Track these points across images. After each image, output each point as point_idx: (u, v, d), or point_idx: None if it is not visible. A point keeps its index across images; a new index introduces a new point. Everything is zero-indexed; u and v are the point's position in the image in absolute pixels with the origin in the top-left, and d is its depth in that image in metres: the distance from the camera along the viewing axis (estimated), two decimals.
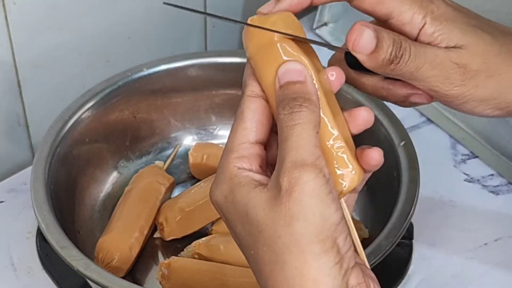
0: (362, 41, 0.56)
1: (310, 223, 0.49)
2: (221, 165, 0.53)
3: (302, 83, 0.53)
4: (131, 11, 0.98)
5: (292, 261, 0.50)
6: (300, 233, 0.49)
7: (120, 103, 0.89)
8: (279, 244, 0.50)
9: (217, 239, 0.83)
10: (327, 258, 0.49)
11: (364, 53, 0.56)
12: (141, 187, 0.87)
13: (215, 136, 0.95)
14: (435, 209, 0.90)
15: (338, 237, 0.50)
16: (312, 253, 0.49)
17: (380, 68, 0.57)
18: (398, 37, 0.57)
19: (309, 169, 0.50)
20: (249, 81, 0.55)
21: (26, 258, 0.85)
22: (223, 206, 0.53)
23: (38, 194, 0.77)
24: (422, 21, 0.58)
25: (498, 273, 0.84)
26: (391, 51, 0.57)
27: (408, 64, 0.57)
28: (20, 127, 0.96)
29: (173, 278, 0.79)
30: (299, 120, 0.51)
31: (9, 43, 0.90)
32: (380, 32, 0.57)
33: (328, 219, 0.50)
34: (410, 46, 0.57)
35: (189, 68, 0.92)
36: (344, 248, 0.50)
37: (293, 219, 0.49)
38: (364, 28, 0.56)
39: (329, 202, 0.50)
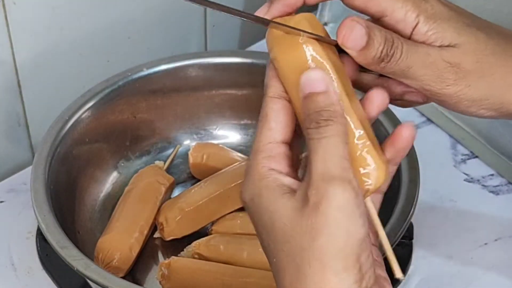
0: (352, 36, 0.56)
1: (334, 239, 0.49)
2: (249, 165, 0.53)
3: (325, 93, 0.52)
4: (131, 11, 0.98)
5: (313, 275, 0.49)
6: (324, 247, 0.49)
7: (120, 103, 0.89)
8: (302, 256, 0.50)
9: (217, 239, 0.83)
10: (347, 275, 0.49)
11: (354, 49, 0.56)
12: (141, 187, 0.87)
13: (215, 136, 0.95)
14: (435, 209, 0.90)
15: (361, 254, 0.50)
16: (333, 269, 0.49)
17: (371, 65, 0.57)
18: (390, 35, 0.57)
19: (337, 183, 0.49)
20: (271, 82, 0.55)
21: (26, 258, 0.85)
22: (250, 208, 0.53)
23: (38, 194, 0.77)
24: (416, 19, 0.58)
25: (498, 273, 0.84)
26: (382, 49, 0.56)
27: (399, 63, 0.57)
28: (20, 127, 0.96)
29: (173, 278, 0.79)
30: (325, 134, 0.51)
31: (9, 43, 0.90)
32: (372, 29, 0.56)
33: (353, 235, 0.49)
34: (403, 45, 0.57)
35: (189, 68, 0.91)
36: (365, 265, 0.50)
37: (318, 233, 0.49)
38: (355, 23, 0.56)
39: (356, 217, 0.49)
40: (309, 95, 0.52)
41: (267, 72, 0.56)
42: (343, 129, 0.52)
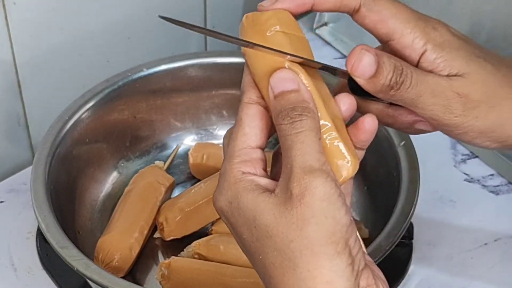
0: (361, 65, 0.56)
1: (323, 226, 0.50)
2: (223, 171, 0.53)
3: (297, 91, 0.53)
4: (131, 11, 0.98)
5: (305, 264, 0.50)
6: (313, 236, 0.49)
7: (120, 103, 0.89)
8: (291, 247, 0.50)
9: (217, 239, 0.83)
10: (340, 260, 0.50)
11: (363, 77, 0.56)
12: (141, 187, 0.87)
13: (215, 136, 0.95)
14: (435, 209, 0.90)
15: (349, 238, 0.50)
16: (325, 255, 0.49)
17: (380, 93, 0.57)
18: (400, 63, 0.57)
19: (318, 174, 0.50)
20: (246, 87, 0.55)
21: (26, 258, 0.85)
22: (227, 212, 0.53)
23: (38, 194, 0.77)
24: (423, 47, 0.58)
25: (498, 273, 0.84)
26: (391, 77, 0.56)
27: (408, 91, 0.57)
28: (20, 127, 0.96)
29: (173, 278, 0.79)
30: (301, 128, 0.51)
31: (9, 43, 0.90)
32: (381, 57, 0.56)
33: (340, 221, 0.50)
34: (412, 73, 0.57)
35: (189, 68, 0.92)
36: (354, 249, 0.51)
37: (306, 222, 0.50)
38: (364, 52, 0.56)
39: (339, 205, 0.50)
40: (281, 93, 0.53)
41: (243, 77, 0.56)
42: (317, 125, 0.52)
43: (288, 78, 0.53)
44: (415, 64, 0.59)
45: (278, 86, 0.53)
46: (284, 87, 0.53)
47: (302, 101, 0.52)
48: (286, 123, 0.52)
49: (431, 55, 0.58)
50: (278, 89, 0.53)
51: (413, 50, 0.58)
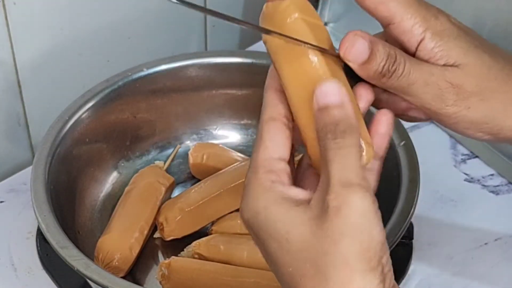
0: (354, 50, 0.56)
1: (358, 241, 0.50)
2: (248, 182, 0.53)
3: (341, 107, 0.53)
4: (131, 11, 0.98)
5: (338, 278, 0.49)
6: (348, 250, 0.49)
7: (120, 103, 0.89)
8: (325, 261, 0.50)
9: (217, 239, 0.83)
10: (373, 276, 0.50)
11: (355, 62, 0.56)
12: (141, 187, 0.87)
13: (215, 136, 0.95)
14: (435, 209, 0.90)
15: (383, 256, 0.50)
16: (359, 270, 0.49)
17: (372, 79, 0.57)
18: (394, 51, 0.57)
19: (356, 189, 0.50)
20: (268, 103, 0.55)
21: (26, 258, 0.85)
22: (254, 224, 0.53)
23: (38, 194, 0.77)
24: (422, 34, 0.58)
25: (498, 273, 0.84)
26: (384, 64, 0.56)
27: (400, 79, 0.57)
28: (20, 127, 0.96)
29: (173, 278, 0.79)
30: (343, 144, 0.52)
31: (9, 43, 0.90)
32: (375, 44, 0.56)
33: (375, 238, 0.50)
34: (405, 61, 0.57)
35: (189, 68, 0.91)
36: (386, 268, 0.51)
37: (341, 236, 0.49)
38: (358, 37, 0.56)
39: (376, 221, 0.50)
40: (324, 108, 0.53)
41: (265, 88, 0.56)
42: (358, 142, 0.52)
43: (333, 92, 0.53)
44: (413, 51, 0.59)
45: (322, 100, 0.53)
46: (329, 101, 0.53)
47: (346, 118, 0.52)
48: (329, 138, 0.52)
49: (429, 44, 0.58)
50: (322, 102, 0.53)
51: (412, 36, 0.58)
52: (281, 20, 0.56)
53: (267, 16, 0.57)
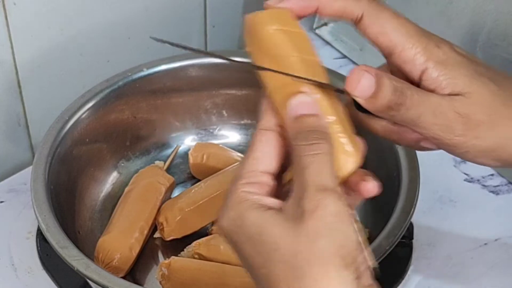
0: (360, 85, 0.56)
1: (333, 239, 0.50)
2: (228, 192, 0.54)
3: (316, 116, 0.53)
4: (131, 11, 0.98)
5: (312, 274, 0.50)
6: (323, 247, 0.50)
7: (120, 103, 0.89)
8: (299, 258, 0.50)
9: (217, 239, 0.83)
10: (348, 272, 0.50)
11: (362, 97, 0.57)
12: (141, 187, 0.87)
13: (215, 136, 0.95)
14: (435, 209, 0.90)
15: (358, 255, 0.51)
16: (334, 266, 0.50)
17: (380, 113, 0.57)
18: (400, 84, 0.57)
19: (330, 193, 0.51)
20: (263, 113, 0.56)
21: (26, 258, 0.85)
22: (230, 230, 0.53)
23: (38, 194, 0.77)
24: (424, 63, 0.58)
25: (498, 273, 0.84)
26: (390, 98, 0.57)
27: (408, 112, 0.57)
28: (20, 127, 0.96)
29: (173, 278, 0.79)
30: (318, 151, 0.52)
31: (9, 43, 0.90)
32: (381, 78, 0.57)
33: (350, 237, 0.50)
34: (412, 94, 0.57)
35: (189, 68, 0.92)
36: (362, 266, 0.51)
37: (317, 235, 0.50)
38: (363, 72, 0.56)
39: (350, 222, 0.51)
40: (300, 116, 0.53)
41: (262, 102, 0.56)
42: (331, 150, 0.53)
43: (308, 102, 0.54)
44: (416, 80, 0.59)
45: (298, 109, 0.54)
46: (304, 111, 0.54)
47: (321, 126, 0.53)
48: (303, 144, 0.52)
49: (433, 73, 0.58)
50: (298, 112, 0.54)
51: (414, 66, 0.58)
52: (259, 32, 0.56)
53: (247, 29, 0.57)
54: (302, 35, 0.57)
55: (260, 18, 0.57)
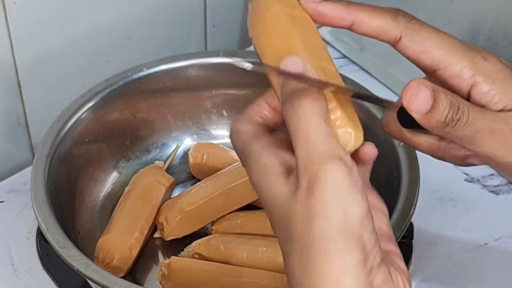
0: (418, 99, 0.54)
1: (333, 221, 0.47)
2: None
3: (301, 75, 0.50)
4: (131, 11, 0.98)
5: (315, 258, 0.48)
6: (322, 230, 0.47)
7: (120, 103, 0.89)
8: (303, 240, 0.48)
9: (217, 239, 0.83)
10: (350, 257, 0.47)
11: (419, 112, 0.54)
12: (141, 187, 0.87)
13: (215, 136, 0.95)
14: (435, 209, 0.90)
15: (363, 233, 0.48)
16: (335, 251, 0.47)
17: (435, 129, 0.55)
18: (456, 99, 0.55)
19: (327, 162, 0.48)
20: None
21: (26, 258, 0.85)
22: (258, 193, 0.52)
23: (38, 194, 0.77)
24: (472, 78, 0.56)
25: (498, 273, 0.84)
26: (447, 114, 0.54)
27: (465, 128, 0.55)
28: (20, 127, 0.96)
29: (173, 278, 0.79)
30: (302, 114, 0.49)
31: (9, 43, 0.90)
32: (437, 93, 0.54)
33: (352, 216, 0.48)
34: (469, 110, 0.55)
35: (189, 68, 0.91)
36: (369, 244, 0.48)
37: (315, 217, 0.47)
38: (421, 86, 0.54)
39: (353, 195, 0.48)
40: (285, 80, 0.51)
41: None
42: (322, 107, 0.49)
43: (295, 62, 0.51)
44: (465, 95, 0.56)
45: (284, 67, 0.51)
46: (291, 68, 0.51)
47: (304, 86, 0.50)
48: (287, 109, 0.50)
49: (484, 87, 0.56)
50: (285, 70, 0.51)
51: (461, 80, 0.56)
52: (262, 16, 0.55)
53: (251, 14, 0.56)
54: (306, 20, 0.56)
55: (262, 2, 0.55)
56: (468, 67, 0.56)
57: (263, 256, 0.80)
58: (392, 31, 0.56)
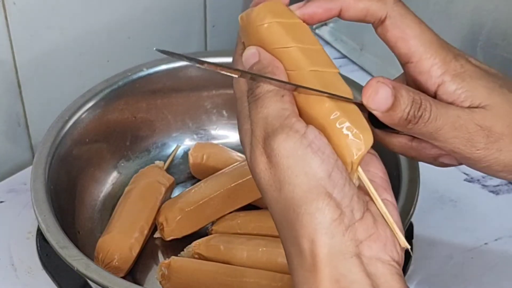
0: (377, 97, 0.54)
1: (296, 185, 0.49)
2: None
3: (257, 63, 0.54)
4: (131, 11, 0.98)
5: (291, 224, 0.50)
6: (290, 196, 0.49)
7: (120, 103, 0.89)
8: (279, 207, 0.50)
9: (217, 239, 0.83)
10: (322, 216, 0.49)
11: (379, 110, 0.54)
12: (141, 187, 0.87)
13: (215, 136, 0.95)
14: (435, 209, 0.90)
15: (332, 191, 0.49)
16: (306, 214, 0.49)
17: (398, 126, 0.55)
18: (418, 96, 0.55)
19: (277, 133, 0.50)
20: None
21: (26, 258, 0.85)
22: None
23: (38, 194, 0.77)
24: (440, 77, 0.57)
25: (498, 273, 0.84)
26: (409, 111, 0.55)
27: (427, 125, 0.55)
28: (20, 127, 0.96)
29: (173, 278, 0.79)
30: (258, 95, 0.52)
31: (9, 43, 0.90)
32: (399, 90, 0.55)
33: (314, 176, 0.49)
34: (431, 106, 0.55)
35: (189, 68, 0.91)
36: (344, 201, 0.49)
37: (281, 184, 0.50)
38: (380, 84, 0.54)
39: (309, 157, 0.50)
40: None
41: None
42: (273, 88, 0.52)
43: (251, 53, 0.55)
44: (431, 93, 0.57)
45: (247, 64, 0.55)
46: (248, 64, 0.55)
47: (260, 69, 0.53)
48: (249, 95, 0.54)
49: (451, 86, 0.57)
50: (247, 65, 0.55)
51: (430, 77, 0.57)
52: (255, 29, 0.55)
53: (243, 28, 0.57)
54: (300, 25, 0.56)
55: (254, 14, 0.56)
56: (439, 65, 0.57)
57: (263, 256, 0.80)
58: (378, 12, 0.57)
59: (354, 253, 0.49)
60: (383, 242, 0.50)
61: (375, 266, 0.50)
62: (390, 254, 0.50)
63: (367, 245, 0.50)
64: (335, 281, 0.49)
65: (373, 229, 0.50)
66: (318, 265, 0.49)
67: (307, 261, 0.49)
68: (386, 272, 0.50)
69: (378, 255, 0.50)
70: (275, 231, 0.84)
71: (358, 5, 0.57)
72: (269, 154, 0.50)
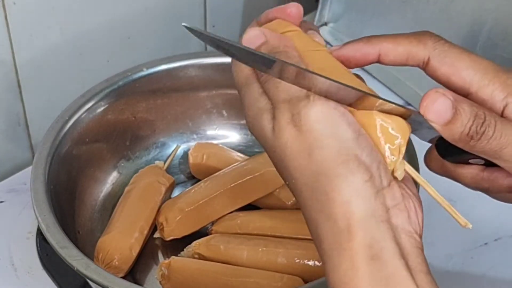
0: (435, 107, 0.52)
1: (327, 148, 0.49)
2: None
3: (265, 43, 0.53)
4: (131, 11, 0.98)
5: (321, 188, 0.49)
6: (321, 160, 0.49)
7: (120, 103, 0.89)
8: (307, 174, 0.49)
9: (217, 239, 0.83)
10: (354, 178, 0.48)
11: (437, 122, 0.53)
12: (141, 187, 0.87)
13: (215, 136, 0.95)
14: (435, 209, 0.90)
15: (360, 154, 0.49)
16: (338, 177, 0.48)
17: (458, 142, 0.53)
18: (482, 111, 0.53)
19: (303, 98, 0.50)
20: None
21: (26, 258, 0.85)
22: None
23: (38, 194, 0.77)
24: (504, 100, 0.54)
25: (498, 273, 0.84)
26: (471, 125, 0.52)
27: (491, 142, 0.53)
28: (20, 127, 0.96)
29: (173, 278, 0.79)
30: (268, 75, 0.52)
31: (9, 43, 0.90)
32: (460, 103, 0.52)
33: (342, 138, 0.49)
34: (496, 122, 0.53)
35: (189, 68, 0.91)
36: (373, 165, 0.49)
37: (310, 149, 0.49)
38: (439, 95, 0.52)
39: (336, 120, 0.50)
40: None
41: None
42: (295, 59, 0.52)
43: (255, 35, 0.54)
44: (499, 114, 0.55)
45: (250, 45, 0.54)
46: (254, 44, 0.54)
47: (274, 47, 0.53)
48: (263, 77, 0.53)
49: None
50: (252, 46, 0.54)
51: (494, 104, 0.54)
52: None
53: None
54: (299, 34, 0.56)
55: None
56: (500, 89, 0.54)
57: (263, 256, 0.80)
58: (419, 54, 0.55)
59: (384, 218, 0.49)
60: (407, 213, 0.50)
61: (399, 236, 0.50)
62: (413, 226, 0.51)
63: (394, 214, 0.50)
64: (368, 246, 0.49)
65: (399, 199, 0.50)
66: (351, 228, 0.48)
67: (338, 225, 0.49)
68: (409, 244, 0.50)
69: (403, 225, 0.51)
70: (275, 231, 0.85)
71: (397, 49, 0.56)
72: (297, 121, 0.49)
